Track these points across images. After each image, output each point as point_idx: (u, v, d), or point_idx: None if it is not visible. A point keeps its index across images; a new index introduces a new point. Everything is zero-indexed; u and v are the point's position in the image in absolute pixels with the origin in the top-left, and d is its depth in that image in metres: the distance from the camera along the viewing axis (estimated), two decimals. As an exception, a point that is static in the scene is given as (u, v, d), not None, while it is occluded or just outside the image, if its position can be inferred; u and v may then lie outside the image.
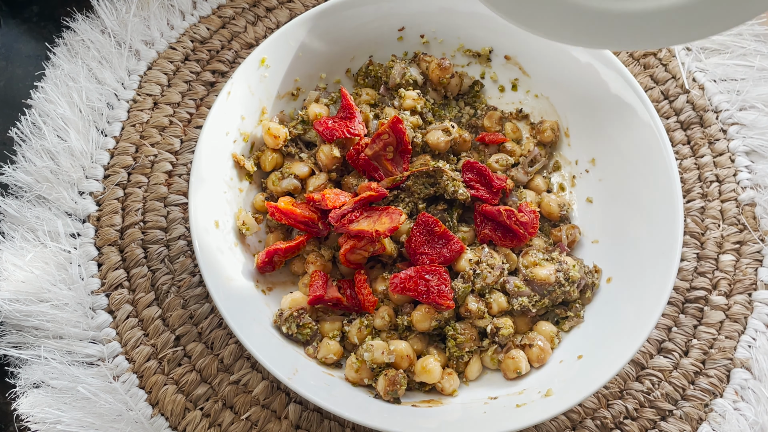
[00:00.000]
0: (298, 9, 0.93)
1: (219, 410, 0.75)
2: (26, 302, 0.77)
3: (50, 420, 0.73)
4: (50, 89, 0.86)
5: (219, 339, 0.78)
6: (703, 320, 0.80)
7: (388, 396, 0.70)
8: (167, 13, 0.92)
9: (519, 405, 0.69)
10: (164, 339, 0.78)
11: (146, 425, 0.74)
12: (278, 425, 0.75)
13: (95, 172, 0.84)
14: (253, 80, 0.78)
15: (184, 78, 0.89)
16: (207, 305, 0.79)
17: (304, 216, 0.75)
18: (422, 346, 0.73)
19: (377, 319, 0.73)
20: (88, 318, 0.78)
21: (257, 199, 0.80)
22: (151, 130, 0.86)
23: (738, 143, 0.86)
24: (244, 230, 0.77)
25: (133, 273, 0.80)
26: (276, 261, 0.76)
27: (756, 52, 0.90)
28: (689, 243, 0.82)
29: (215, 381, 0.76)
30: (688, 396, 0.77)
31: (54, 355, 0.76)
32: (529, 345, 0.72)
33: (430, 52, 0.86)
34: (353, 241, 0.73)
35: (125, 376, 0.76)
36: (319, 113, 0.80)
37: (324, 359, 0.73)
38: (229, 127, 0.77)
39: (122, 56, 0.89)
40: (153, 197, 0.83)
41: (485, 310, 0.72)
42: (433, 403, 0.71)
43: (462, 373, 0.74)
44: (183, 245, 0.81)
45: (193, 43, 0.90)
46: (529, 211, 0.77)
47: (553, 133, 0.83)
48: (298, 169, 0.79)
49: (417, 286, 0.71)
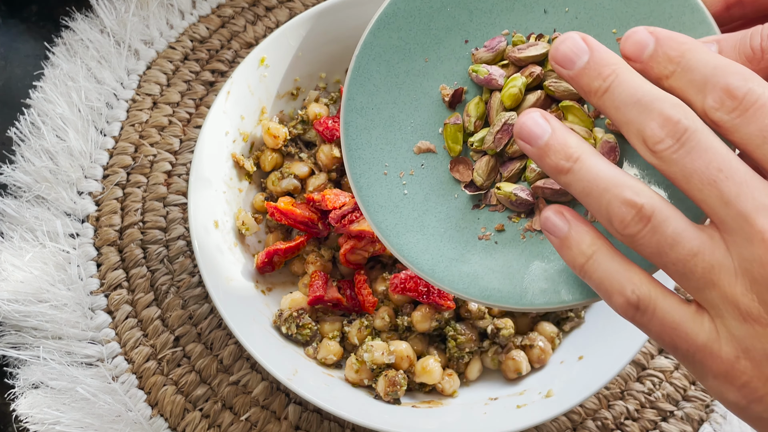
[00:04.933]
0: (298, 8, 0.92)
1: (218, 411, 0.75)
2: (25, 302, 0.77)
3: (49, 420, 0.73)
4: (49, 89, 0.86)
5: (218, 339, 0.78)
6: (704, 321, 0.80)
7: (388, 397, 0.70)
8: (166, 12, 0.91)
9: (519, 406, 0.69)
10: (163, 339, 0.77)
11: (145, 426, 0.74)
12: (278, 426, 0.75)
13: (94, 172, 0.84)
14: (252, 80, 0.78)
15: (184, 78, 0.89)
16: (206, 306, 0.79)
17: (304, 216, 0.75)
18: (422, 347, 0.73)
19: (377, 320, 0.73)
20: (87, 318, 0.78)
21: (257, 199, 0.80)
22: (150, 130, 0.86)
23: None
24: (244, 230, 0.77)
25: (133, 273, 0.80)
26: (276, 261, 0.76)
27: (757, 52, 0.90)
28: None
29: (215, 382, 0.76)
30: (689, 397, 0.77)
31: (53, 356, 0.76)
32: (530, 345, 0.72)
33: (430, 52, 0.86)
34: (353, 241, 0.73)
35: (124, 376, 0.76)
36: (319, 113, 0.80)
37: (324, 360, 0.73)
38: (228, 127, 0.77)
39: (121, 56, 0.89)
40: (152, 197, 0.83)
41: (485, 310, 0.72)
42: (434, 404, 0.71)
43: (462, 373, 0.73)
44: (182, 245, 0.81)
45: (192, 43, 0.90)
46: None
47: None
48: (298, 169, 0.79)
49: (417, 287, 0.71)
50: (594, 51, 0.40)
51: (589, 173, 0.38)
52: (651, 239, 0.37)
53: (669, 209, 0.37)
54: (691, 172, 0.36)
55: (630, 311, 0.39)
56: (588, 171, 0.38)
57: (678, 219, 0.37)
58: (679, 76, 0.38)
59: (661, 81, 0.39)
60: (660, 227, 0.37)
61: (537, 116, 0.41)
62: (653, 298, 0.39)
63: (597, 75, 0.39)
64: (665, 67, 0.38)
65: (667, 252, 0.37)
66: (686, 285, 0.38)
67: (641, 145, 0.38)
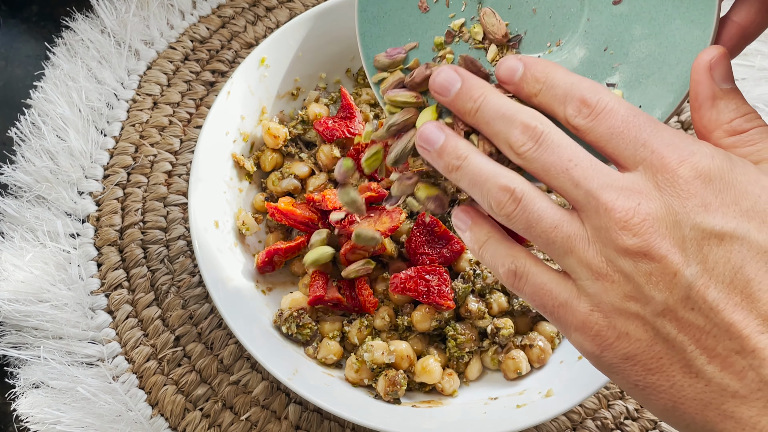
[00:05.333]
0: (298, 9, 0.92)
1: (219, 411, 0.75)
2: (25, 302, 0.77)
3: (50, 420, 0.73)
4: (50, 89, 0.86)
5: (219, 339, 0.78)
6: (704, 320, 0.80)
7: (388, 396, 0.70)
8: (167, 12, 0.91)
9: (519, 405, 0.69)
10: (164, 339, 0.78)
11: (146, 425, 0.74)
12: (278, 426, 0.75)
13: (95, 172, 0.84)
14: (252, 80, 0.78)
15: (184, 78, 0.89)
16: (207, 305, 0.79)
17: (304, 217, 0.75)
18: (422, 347, 0.73)
19: (377, 320, 0.73)
20: (87, 318, 0.78)
21: (257, 199, 0.80)
22: (150, 130, 0.86)
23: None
24: (244, 230, 0.77)
25: (133, 273, 0.80)
26: (276, 261, 0.76)
27: (756, 52, 0.90)
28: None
29: (215, 381, 0.76)
30: (688, 396, 0.77)
31: (53, 356, 0.76)
32: (530, 345, 0.72)
33: (430, 52, 0.86)
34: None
35: (125, 376, 0.76)
36: (319, 113, 0.80)
37: (324, 359, 0.73)
38: (228, 127, 0.77)
39: (122, 56, 0.89)
40: (152, 197, 0.83)
41: (485, 310, 0.72)
42: (434, 404, 0.71)
43: (462, 373, 0.74)
44: (183, 245, 0.81)
45: (192, 43, 0.90)
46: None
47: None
48: (298, 169, 0.79)
49: (417, 287, 0.71)
50: (465, 79, 0.49)
51: (475, 168, 0.47)
52: (521, 216, 0.45)
53: (535, 192, 0.45)
54: (549, 166, 0.44)
55: (510, 278, 0.48)
56: (474, 167, 0.47)
57: (542, 200, 0.45)
58: (544, 93, 0.47)
59: (531, 99, 0.48)
60: (528, 206, 0.45)
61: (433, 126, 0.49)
62: (527, 267, 0.47)
63: (468, 98, 0.48)
64: (533, 87, 0.47)
65: (533, 226, 0.45)
66: (551, 253, 0.45)
67: (509, 151, 0.46)
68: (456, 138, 0.49)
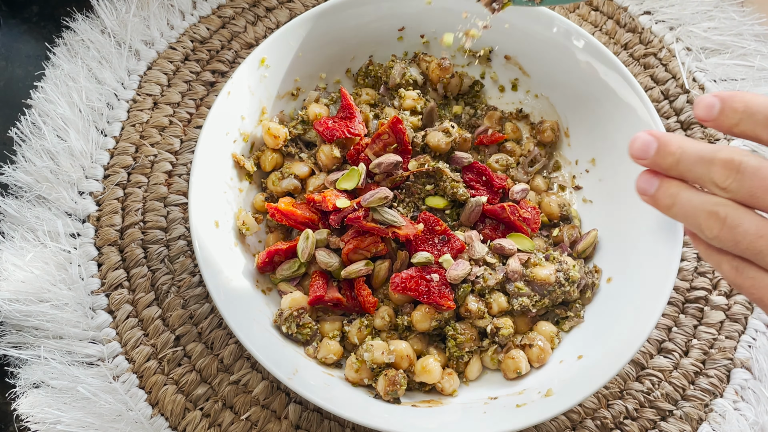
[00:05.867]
0: (298, 9, 0.93)
1: (219, 410, 0.75)
2: (26, 302, 0.77)
3: (50, 420, 0.73)
4: (50, 89, 0.86)
5: (219, 339, 0.78)
6: (703, 320, 0.80)
7: (388, 396, 0.70)
8: (167, 13, 0.92)
9: (519, 405, 0.69)
10: (164, 339, 0.78)
11: (146, 425, 0.74)
12: (278, 425, 0.75)
13: (95, 172, 0.84)
14: (253, 80, 0.78)
15: (184, 78, 0.89)
16: (207, 305, 0.79)
17: (304, 217, 0.75)
18: (422, 346, 0.73)
19: (377, 320, 0.73)
20: (87, 318, 0.78)
21: (257, 199, 0.80)
22: (151, 130, 0.86)
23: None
24: (244, 230, 0.77)
25: (133, 273, 0.80)
26: (276, 261, 0.76)
27: (756, 52, 0.90)
28: (689, 243, 0.82)
29: (215, 381, 0.76)
30: (688, 396, 0.77)
31: (54, 355, 0.76)
32: (529, 345, 0.72)
33: (430, 52, 0.86)
34: (356, 241, 0.73)
35: (125, 376, 0.76)
36: (319, 113, 0.80)
37: (324, 359, 0.73)
38: (229, 127, 0.77)
39: (122, 56, 0.89)
40: (153, 197, 0.83)
41: (485, 310, 0.72)
42: (433, 403, 0.71)
43: (462, 373, 0.74)
44: (183, 245, 0.81)
45: (193, 43, 0.90)
46: (531, 207, 0.77)
47: (553, 133, 0.83)
48: (298, 169, 0.79)
49: (417, 286, 0.71)
50: (658, 138, 0.55)
51: (685, 204, 0.54)
52: (727, 234, 0.51)
53: (739, 210, 0.50)
54: (754, 189, 0.49)
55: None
56: (684, 202, 0.54)
57: (746, 215, 0.50)
58: (745, 122, 0.51)
59: (732, 129, 0.52)
60: (731, 223, 0.50)
61: (646, 175, 0.56)
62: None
63: (667, 154, 0.54)
64: (732, 118, 0.51)
65: (740, 240, 0.50)
66: (761, 261, 0.50)
67: (716, 189, 0.51)
68: (666, 183, 0.55)
